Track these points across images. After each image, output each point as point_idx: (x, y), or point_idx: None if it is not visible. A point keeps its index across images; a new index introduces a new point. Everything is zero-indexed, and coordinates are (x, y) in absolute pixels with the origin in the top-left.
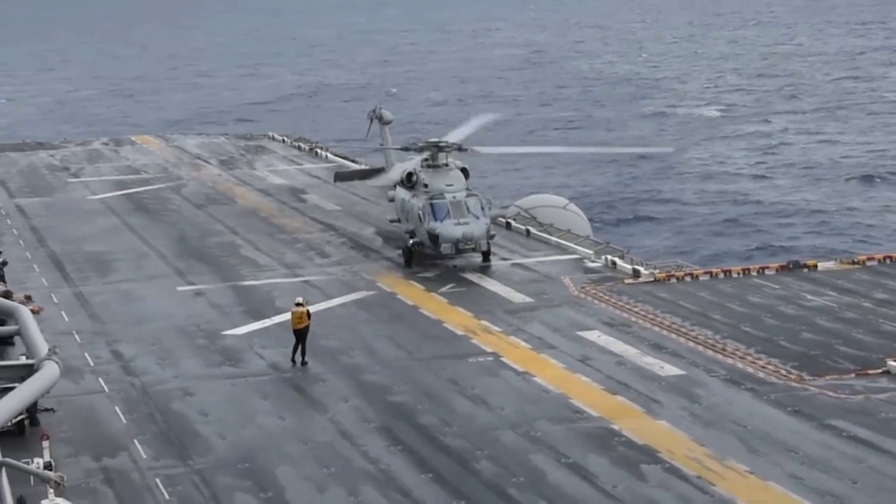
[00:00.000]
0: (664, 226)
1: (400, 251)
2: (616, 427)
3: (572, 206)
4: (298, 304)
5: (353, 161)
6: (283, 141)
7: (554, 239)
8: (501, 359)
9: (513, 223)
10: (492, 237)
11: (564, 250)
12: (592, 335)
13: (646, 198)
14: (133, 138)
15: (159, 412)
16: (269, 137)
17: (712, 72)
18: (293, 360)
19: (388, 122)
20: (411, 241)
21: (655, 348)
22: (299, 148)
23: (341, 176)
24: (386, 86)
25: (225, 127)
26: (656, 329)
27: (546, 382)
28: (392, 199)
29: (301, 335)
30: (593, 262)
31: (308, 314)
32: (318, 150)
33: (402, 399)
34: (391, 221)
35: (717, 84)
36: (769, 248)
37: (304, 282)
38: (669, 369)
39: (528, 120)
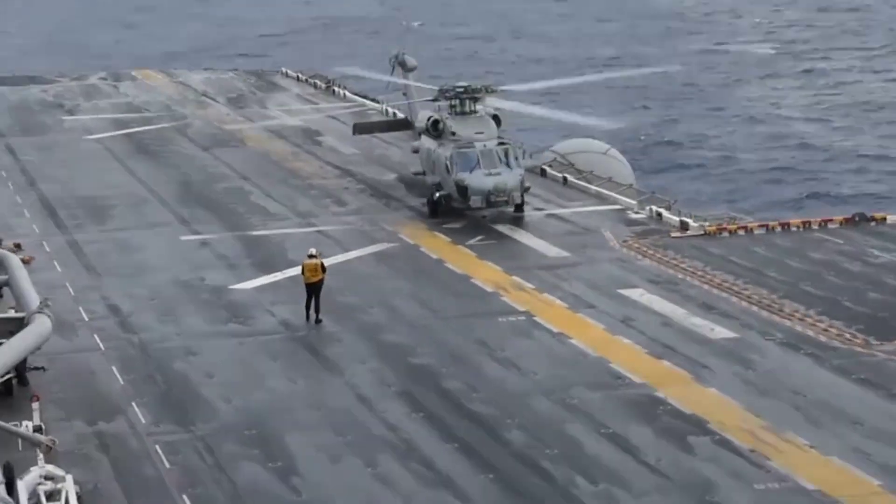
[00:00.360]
0: (712, 173)
1: (424, 200)
2: (661, 395)
3: (614, 152)
4: (311, 256)
5: (373, 100)
6: (298, 78)
7: (593, 187)
8: (534, 318)
9: (548, 170)
10: (526, 189)
11: (605, 200)
12: (635, 293)
13: (690, 142)
14: (134, 73)
15: (159, 373)
16: (281, 74)
17: (769, 4)
18: (307, 317)
19: (411, 69)
20: (438, 194)
21: (705, 308)
22: (315, 86)
23: (361, 128)
24: (408, 19)
25: (233, 61)
26: (706, 287)
27: (584, 345)
28: (416, 150)
29: (314, 290)
30: (636, 213)
31: (322, 267)
32: (336, 89)
33: (425, 361)
34: (415, 175)
35: (773, 20)
36: (827, 198)
37: (319, 232)
38: (720, 332)
39: (566, 57)
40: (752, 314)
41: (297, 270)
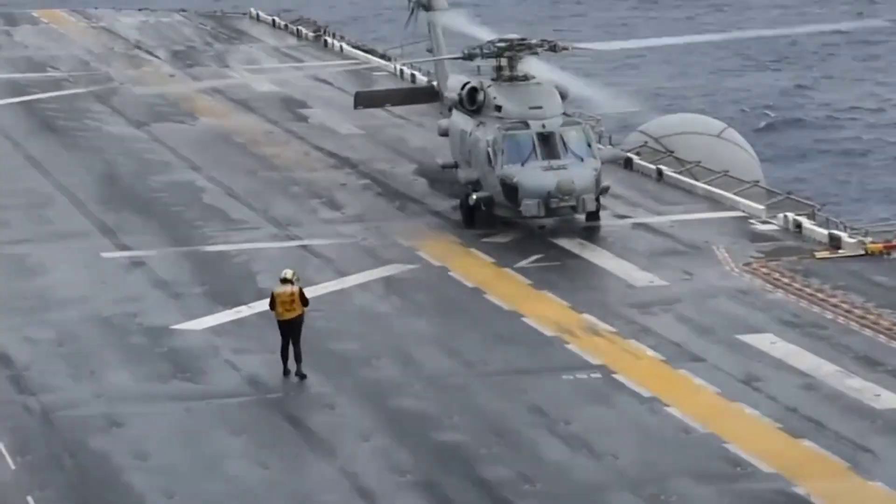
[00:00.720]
0: (875, 163)
1: (456, 204)
2: (800, 491)
3: (731, 134)
4: (285, 281)
5: (383, 57)
6: (274, 23)
7: (702, 185)
8: (615, 376)
9: (636, 160)
10: (604, 191)
11: (719, 203)
12: (763, 341)
13: (836, 122)
14: (35, 13)
15: (69, 453)
16: (250, 17)
17: None
18: (285, 371)
19: (439, 10)
20: (475, 196)
21: (867, 364)
22: (298, 34)
23: (365, 98)
24: None
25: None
26: (867, 333)
27: (687, 416)
28: (445, 132)
29: (291, 331)
30: (765, 222)
31: (302, 297)
32: (328, 39)
33: (457, 438)
34: (443, 167)
35: None
36: None
37: (303, 247)
38: (890, 399)
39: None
40: None
41: (267, 303)
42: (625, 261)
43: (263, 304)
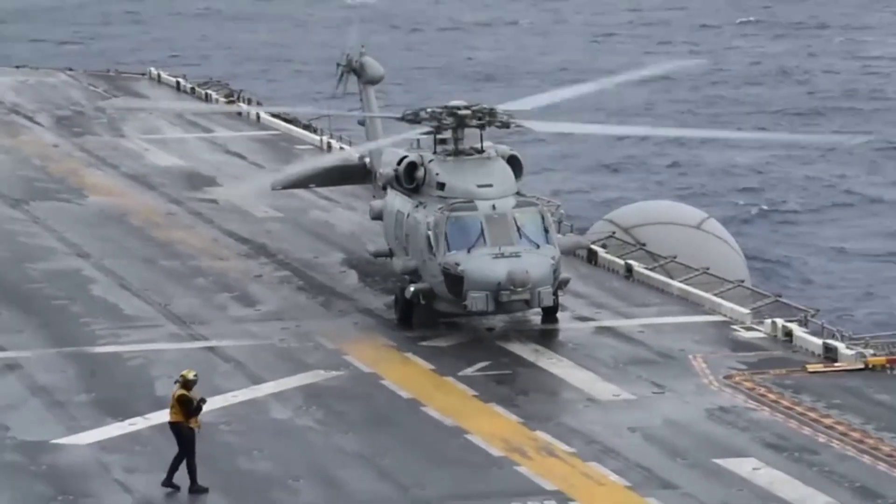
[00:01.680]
0: (872, 264)
1: (391, 300)
2: None
3: (713, 224)
4: (185, 383)
5: (307, 127)
6: (178, 85)
7: (677, 284)
8: (572, 503)
9: (602, 252)
10: (563, 284)
11: (696, 306)
12: (744, 466)
13: (837, 211)
14: None
15: None
16: (150, 77)
17: None
18: (169, 483)
19: (373, 81)
20: (412, 288)
21: (864, 496)
22: (207, 97)
23: (282, 182)
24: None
25: (71, 56)
26: (866, 460)
27: None
28: (378, 215)
29: (185, 440)
30: (750, 329)
31: (184, 401)
32: (243, 105)
33: None
34: (375, 256)
35: None
36: None
37: (210, 349)
38: None
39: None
40: None
41: (166, 414)
42: (586, 370)
43: (161, 416)
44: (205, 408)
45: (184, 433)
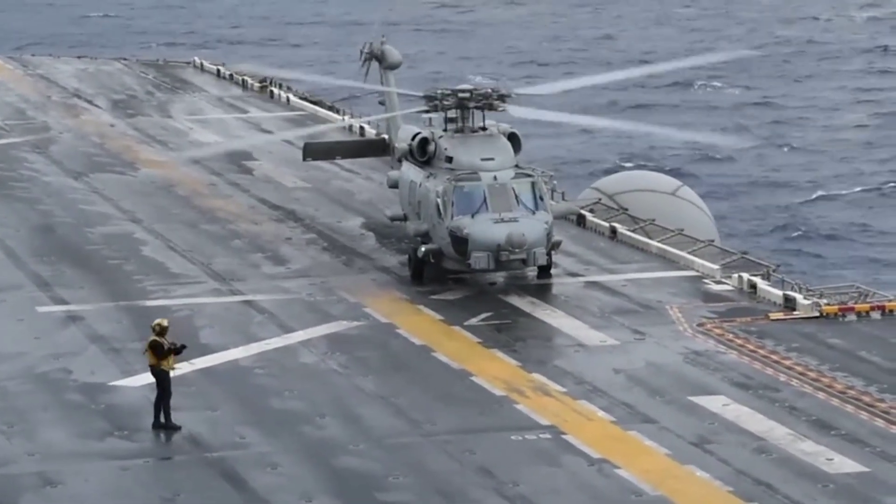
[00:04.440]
0: (829, 226)
1: (405, 258)
2: None
3: (686, 191)
4: (161, 331)
5: (331, 108)
6: (218, 72)
7: (655, 243)
8: (564, 437)
9: (589, 216)
10: (555, 246)
11: (672, 263)
12: (715, 403)
13: (798, 179)
14: None
15: None
16: (194, 66)
17: None
18: (158, 422)
19: (392, 66)
20: (423, 248)
21: (819, 428)
22: (243, 84)
23: (314, 150)
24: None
25: (123, 47)
26: (821, 396)
27: (637, 478)
28: (395, 184)
29: (159, 380)
30: (719, 282)
31: (156, 346)
32: (275, 90)
33: (402, 498)
34: (392, 220)
35: None
36: None
37: (246, 303)
38: (842, 463)
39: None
40: (889, 437)
41: (212, 360)
42: (576, 320)
43: (205, 361)
44: (240, 353)
45: (158, 375)
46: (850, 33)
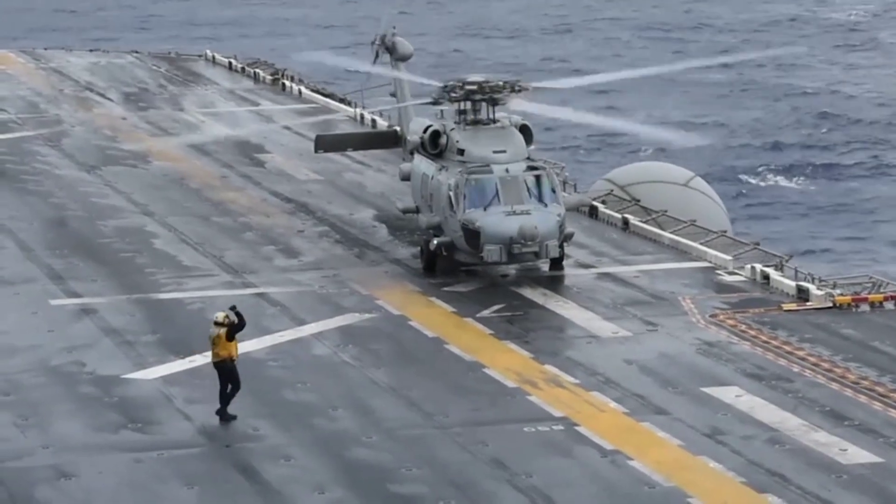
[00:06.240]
0: (844, 216)
1: (416, 251)
2: None
3: (699, 182)
4: (217, 324)
5: (343, 101)
6: (230, 66)
7: (668, 234)
8: (577, 428)
9: (601, 208)
10: (567, 238)
11: (684, 254)
12: (728, 394)
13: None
14: None
15: None
16: (206, 59)
17: None
18: (223, 415)
19: (404, 58)
20: (436, 241)
21: (833, 418)
22: (255, 77)
23: (326, 142)
24: None
25: (135, 39)
26: (835, 387)
27: (650, 469)
28: (406, 176)
29: (222, 374)
30: (732, 273)
31: (231, 334)
32: (286, 83)
33: (414, 490)
34: (404, 212)
35: None
36: None
37: (258, 295)
38: (856, 454)
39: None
40: None
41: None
42: (589, 311)
43: None
44: (253, 346)
45: (230, 367)
46: None
